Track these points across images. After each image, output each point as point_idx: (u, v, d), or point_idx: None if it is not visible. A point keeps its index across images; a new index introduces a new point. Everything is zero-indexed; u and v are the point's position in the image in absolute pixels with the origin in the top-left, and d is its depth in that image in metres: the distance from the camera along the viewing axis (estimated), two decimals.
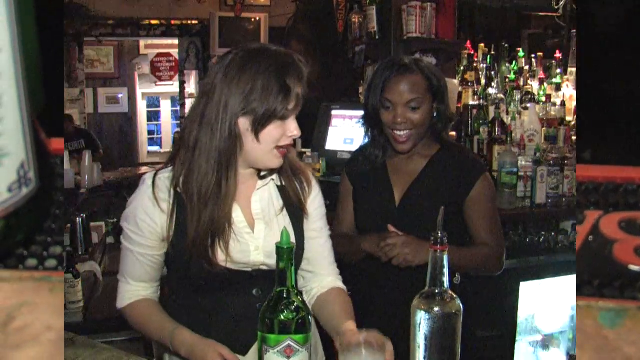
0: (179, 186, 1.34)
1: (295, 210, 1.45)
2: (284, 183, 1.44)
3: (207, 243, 1.31)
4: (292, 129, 1.31)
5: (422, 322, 1.06)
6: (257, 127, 1.27)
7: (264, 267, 1.39)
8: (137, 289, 1.42)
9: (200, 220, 1.30)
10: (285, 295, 1.08)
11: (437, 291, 1.07)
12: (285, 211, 1.44)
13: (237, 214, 1.38)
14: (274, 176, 1.43)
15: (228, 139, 1.28)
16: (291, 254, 1.08)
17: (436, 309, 1.06)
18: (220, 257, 1.34)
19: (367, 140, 1.85)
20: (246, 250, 1.37)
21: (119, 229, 1.49)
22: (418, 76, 1.70)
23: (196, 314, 1.41)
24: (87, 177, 4.33)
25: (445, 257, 1.08)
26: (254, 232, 1.39)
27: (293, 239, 1.44)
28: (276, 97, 1.26)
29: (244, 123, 1.28)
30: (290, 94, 1.27)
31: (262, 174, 1.42)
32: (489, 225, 1.78)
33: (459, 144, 1.83)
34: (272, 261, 1.37)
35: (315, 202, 1.48)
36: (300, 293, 1.10)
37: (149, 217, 1.35)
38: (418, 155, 1.79)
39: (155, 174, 1.38)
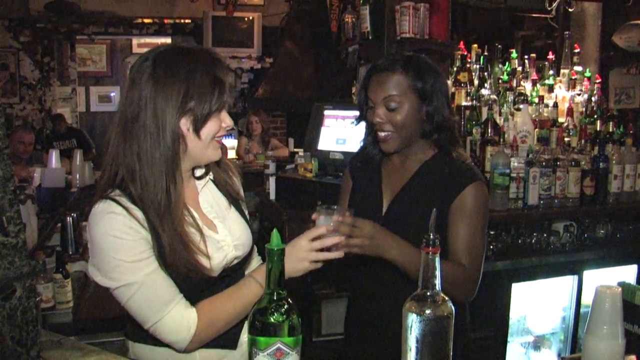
0: (138, 203, 1.29)
1: (235, 202, 1.50)
2: (215, 176, 1.48)
3: (185, 254, 1.29)
4: (226, 120, 1.36)
5: (413, 324, 1.05)
6: (198, 124, 1.30)
7: (236, 261, 1.43)
8: (185, 303, 1.30)
9: (167, 234, 1.27)
10: (275, 298, 1.06)
11: (428, 293, 1.06)
12: (232, 206, 1.48)
13: (196, 220, 1.37)
14: (209, 173, 1.47)
15: (172, 145, 1.29)
16: (282, 255, 1.07)
17: (428, 311, 1.05)
18: (205, 264, 1.33)
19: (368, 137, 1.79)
20: (223, 251, 1.39)
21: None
22: (399, 75, 1.61)
23: None
24: (78, 176, 4.32)
25: (437, 259, 1.07)
26: (218, 232, 1.41)
27: (249, 232, 1.49)
28: (212, 93, 1.29)
29: (184, 123, 1.30)
30: (224, 86, 1.31)
31: (198, 174, 1.44)
32: (469, 242, 1.61)
33: (459, 150, 1.74)
34: (241, 252, 1.45)
35: (241, 187, 1.56)
36: (289, 295, 1.08)
37: (138, 233, 1.27)
38: (411, 159, 1.72)
39: (113, 199, 1.28)
